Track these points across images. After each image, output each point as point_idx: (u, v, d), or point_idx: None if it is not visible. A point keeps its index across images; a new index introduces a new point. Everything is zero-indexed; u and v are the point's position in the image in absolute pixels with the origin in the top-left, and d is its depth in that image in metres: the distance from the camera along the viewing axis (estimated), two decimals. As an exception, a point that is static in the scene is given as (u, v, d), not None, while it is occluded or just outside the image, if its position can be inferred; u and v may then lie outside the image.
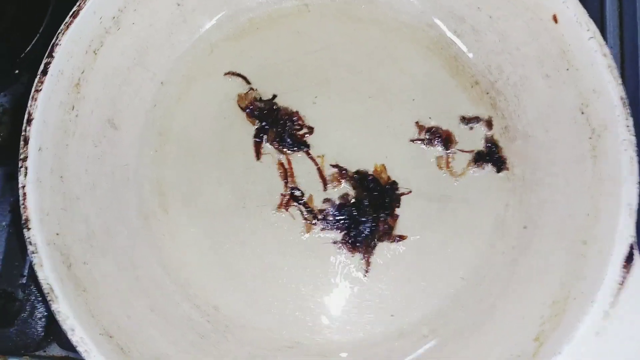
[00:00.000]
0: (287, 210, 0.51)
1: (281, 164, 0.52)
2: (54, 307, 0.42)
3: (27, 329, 0.52)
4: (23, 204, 0.44)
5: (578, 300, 0.42)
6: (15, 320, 0.52)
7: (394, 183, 0.52)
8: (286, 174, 0.52)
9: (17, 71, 0.60)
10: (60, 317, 0.42)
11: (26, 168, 0.44)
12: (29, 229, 0.43)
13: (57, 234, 0.45)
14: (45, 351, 0.54)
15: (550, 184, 0.49)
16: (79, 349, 0.42)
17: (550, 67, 0.48)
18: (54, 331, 0.54)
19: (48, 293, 0.42)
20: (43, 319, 0.53)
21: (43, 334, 0.53)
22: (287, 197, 0.52)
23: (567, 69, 0.47)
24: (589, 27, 0.45)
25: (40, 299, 0.54)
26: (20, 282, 0.55)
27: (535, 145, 0.50)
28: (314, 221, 0.51)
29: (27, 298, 0.53)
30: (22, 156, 0.45)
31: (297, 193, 0.52)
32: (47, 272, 0.43)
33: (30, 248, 0.43)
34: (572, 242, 0.45)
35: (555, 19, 0.47)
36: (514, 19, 0.50)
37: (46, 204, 0.45)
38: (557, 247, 0.46)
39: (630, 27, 0.57)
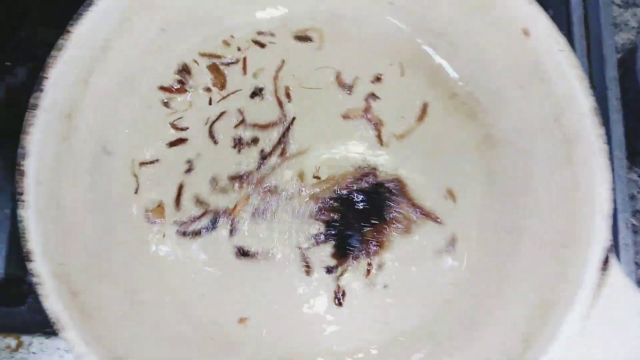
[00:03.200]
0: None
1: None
2: (62, 335, 0.44)
3: (38, 306, 0.51)
4: (24, 237, 0.45)
5: (561, 302, 0.44)
6: (26, 300, 0.53)
7: (378, 186, 0.53)
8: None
9: (8, 63, 0.61)
10: (69, 346, 0.43)
11: (24, 201, 0.46)
12: (31, 261, 0.45)
13: (60, 264, 0.46)
14: (57, 329, 0.55)
15: (531, 189, 0.51)
16: (90, 375, 0.43)
17: (524, 78, 0.51)
18: None
19: (55, 323, 0.44)
20: None
21: None
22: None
23: (541, 80, 0.49)
24: (558, 40, 0.48)
25: None
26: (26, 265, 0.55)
27: (515, 152, 0.53)
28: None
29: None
30: (19, 190, 0.46)
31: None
32: (53, 302, 0.44)
33: (35, 280, 0.44)
34: (554, 246, 0.47)
35: (526, 32, 0.49)
36: (488, 33, 0.52)
37: (46, 235, 0.46)
38: (539, 251, 0.49)
39: (594, 26, 0.59)
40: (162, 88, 0.56)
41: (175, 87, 0.56)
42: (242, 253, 0.53)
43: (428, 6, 0.54)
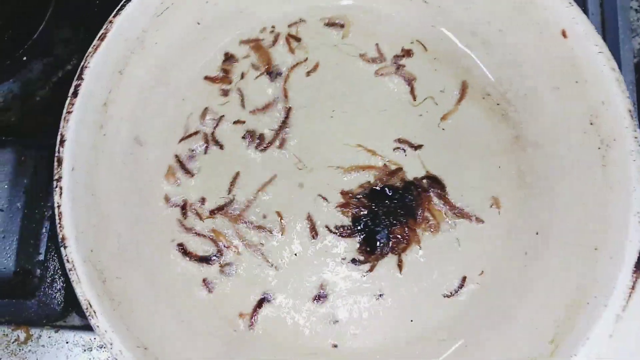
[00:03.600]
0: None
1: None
2: (93, 322, 0.44)
3: (47, 300, 0.54)
4: (59, 223, 0.46)
5: (591, 304, 0.44)
6: (35, 293, 0.53)
7: (410, 184, 0.53)
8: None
9: (25, 58, 0.62)
10: (99, 332, 0.44)
11: (61, 188, 0.46)
12: (65, 247, 0.45)
13: (92, 251, 0.47)
14: (65, 321, 0.56)
15: (561, 192, 0.51)
16: (119, 360, 0.44)
17: (559, 79, 0.50)
18: (74, 302, 0.54)
19: (87, 308, 0.44)
20: (62, 291, 0.55)
21: (63, 304, 0.54)
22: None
23: (577, 82, 0.49)
24: (597, 42, 0.47)
25: (59, 273, 0.55)
26: (37, 259, 0.56)
27: (546, 154, 0.52)
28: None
29: (45, 273, 0.54)
30: (56, 177, 0.46)
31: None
32: (84, 288, 0.44)
33: (67, 265, 0.45)
34: (584, 248, 0.47)
35: (564, 34, 0.49)
36: (523, 33, 0.52)
37: (81, 222, 0.47)
38: (569, 253, 0.48)
39: (612, 31, 0.59)
40: (207, 78, 0.57)
41: (220, 76, 0.57)
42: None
43: (463, 6, 0.54)
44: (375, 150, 0.55)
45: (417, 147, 0.54)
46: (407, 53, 0.57)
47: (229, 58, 0.57)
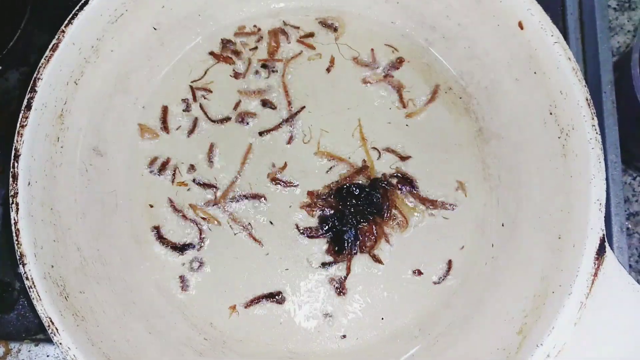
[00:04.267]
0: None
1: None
2: (55, 339, 0.43)
3: (26, 313, 0.53)
4: (16, 240, 0.45)
5: (556, 292, 0.44)
6: (14, 306, 0.52)
7: (376, 181, 0.53)
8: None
9: (0, 67, 0.61)
10: (62, 349, 0.43)
11: (17, 204, 0.45)
12: (24, 264, 0.44)
13: (52, 267, 0.46)
14: (45, 334, 0.55)
15: (524, 182, 0.51)
16: (85, 377, 0.43)
17: (518, 71, 0.51)
18: None
19: (48, 326, 0.43)
20: None
21: None
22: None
23: (535, 72, 0.49)
24: (553, 33, 0.48)
25: None
26: (16, 271, 0.55)
27: (509, 145, 0.53)
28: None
29: (25, 286, 0.53)
30: (12, 192, 0.45)
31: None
32: (45, 305, 0.43)
33: (27, 283, 0.44)
34: (549, 237, 0.47)
35: (521, 26, 0.49)
36: (482, 26, 0.52)
37: (39, 237, 0.46)
38: (535, 242, 0.49)
39: (590, 30, 0.59)
40: (212, 53, 0.57)
41: (224, 55, 0.57)
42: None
43: (423, 0, 0.54)
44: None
45: (405, 158, 0.54)
46: (400, 62, 0.56)
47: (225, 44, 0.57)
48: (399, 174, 0.54)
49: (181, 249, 0.53)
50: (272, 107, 0.56)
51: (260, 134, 0.55)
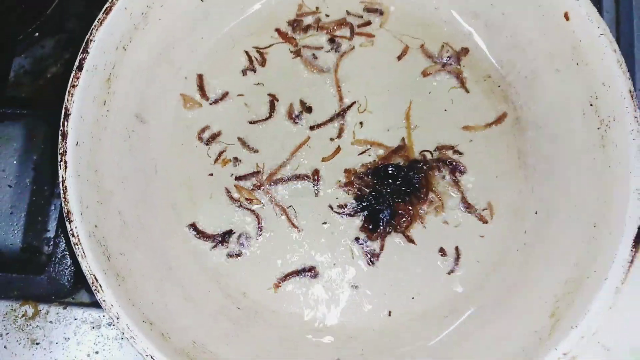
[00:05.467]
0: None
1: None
2: (99, 296, 0.44)
3: (56, 276, 0.53)
4: (64, 197, 0.45)
5: (591, 278, 0.45)
6: (45, 269, 0.53)
7: (415, 162, 0.54)
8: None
9: (37, 34, 0.62)
10: (105, 306, 0.44)
11: (65, 162, 0.46)
12: (71, 221, 0.45)
13: (96, 227, 0.46)
14: (74, 298, 0.55)
15: (561, 171, 0.52)
16: (126, 335, 0.43)
17: (560, 62, 0.51)
18: (83, 279, 0.52)
19: (92, 283, 0.44)
20: (72, 267, 0.53)
21: (72, 281, 0.53)
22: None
23: (577, 64, 0.50)
24: (599, 25, 0.48)
25: (67, 252, 0.54)
26: (45, 236, 0.55)
27: (546, 135, 0.53)
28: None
29: (55, 250, 0.53)
30: (61, 150, 0.46)
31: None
32: (90, 262, 0.44)
33: (73, 240, 0.44)
34: (584, 225, 0.48)
35: (567, 17, 0.50)
36: (526, 16, 0.53)
37: (85, 197, 0.46)
38: (568, 230, 0.49)
39: (627, 39, 0.60)
40: (277, 30, 0.58)
41: (289, 35, 0.58)
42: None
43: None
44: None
45: (457, 152, 0.55)
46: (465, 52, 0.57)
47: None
48: (451, 161, 0.55)
49: (221, 239, 0.53)
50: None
51: (312, 128, 0.56)
